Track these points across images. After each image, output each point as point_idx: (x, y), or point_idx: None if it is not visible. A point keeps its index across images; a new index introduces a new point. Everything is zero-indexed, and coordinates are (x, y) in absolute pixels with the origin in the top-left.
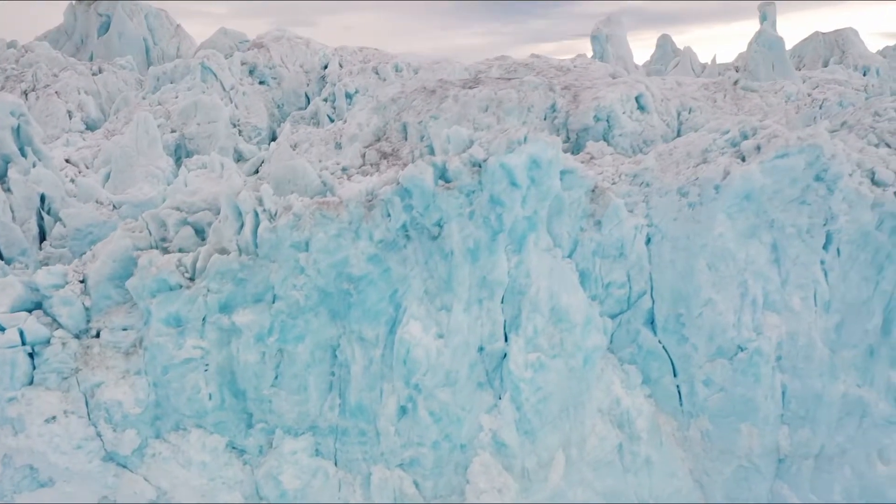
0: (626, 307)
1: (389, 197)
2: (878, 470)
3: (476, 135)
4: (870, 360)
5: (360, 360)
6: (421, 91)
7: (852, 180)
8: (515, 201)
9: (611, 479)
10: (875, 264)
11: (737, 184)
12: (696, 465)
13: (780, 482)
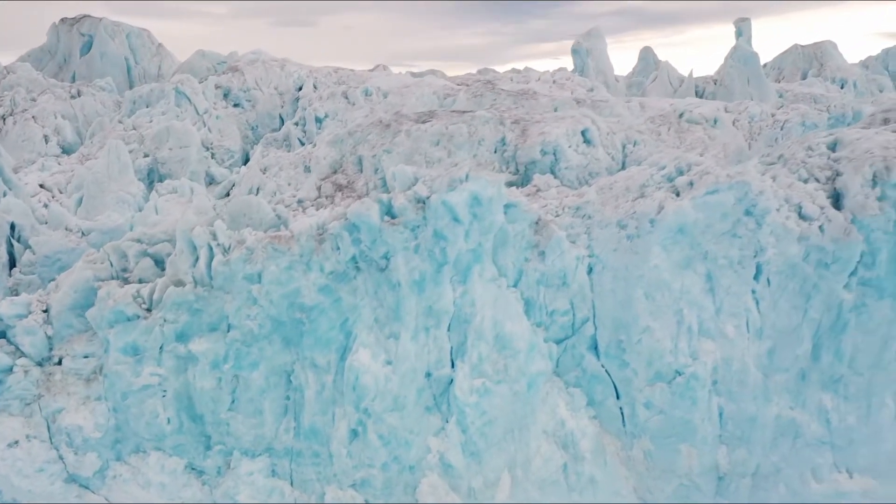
0: (571, 333)
1: (338, 231)
2: (812, 488)
3: (421, 173)
4: (801, 383)
5: (312, 385)
6: (377, 125)
7: (780, 215)
8: (458, 236)
9: (556, 498)
10: (803, 294)
11: (670, 218)
12: (639, 483)
13: (720, 499)
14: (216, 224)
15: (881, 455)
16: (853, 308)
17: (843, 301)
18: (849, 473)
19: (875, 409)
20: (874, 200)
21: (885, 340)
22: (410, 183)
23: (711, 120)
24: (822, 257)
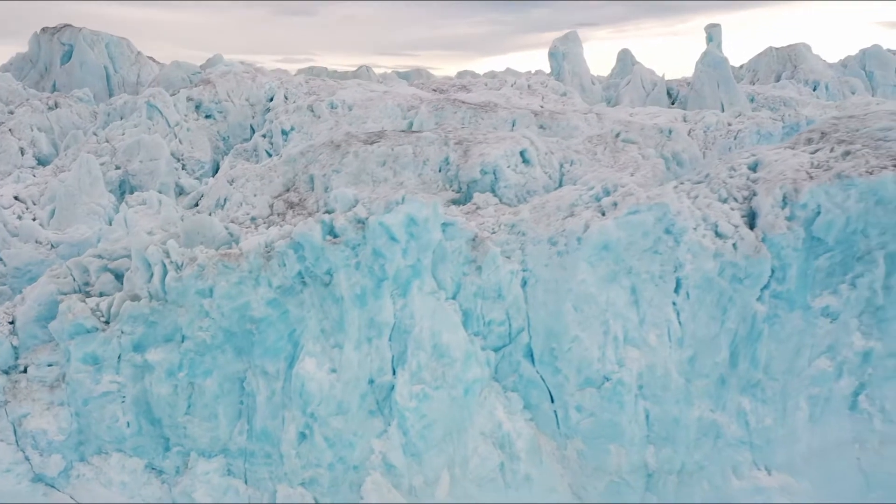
0: (508, 342)
1: (284, 249)
2: (733, 484)
3: (361, 195)
4: (721, 388)
5: (263, 391)
6: (328, 145)
7: (696, 233)
8: (396, 253)
9: (493, 495)
10: (720, 306)
11: (595, 236)
12: (574, 480)
13: (649, 494)
14: (168, 243)
15: (796, 453)
16: (766, 319)
17: (757, 312)
18: (767, 471)
19: (790, 411)
20: (783, 220)
21: (798, 348)
22: (351, 204)
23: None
24: (735, 272)
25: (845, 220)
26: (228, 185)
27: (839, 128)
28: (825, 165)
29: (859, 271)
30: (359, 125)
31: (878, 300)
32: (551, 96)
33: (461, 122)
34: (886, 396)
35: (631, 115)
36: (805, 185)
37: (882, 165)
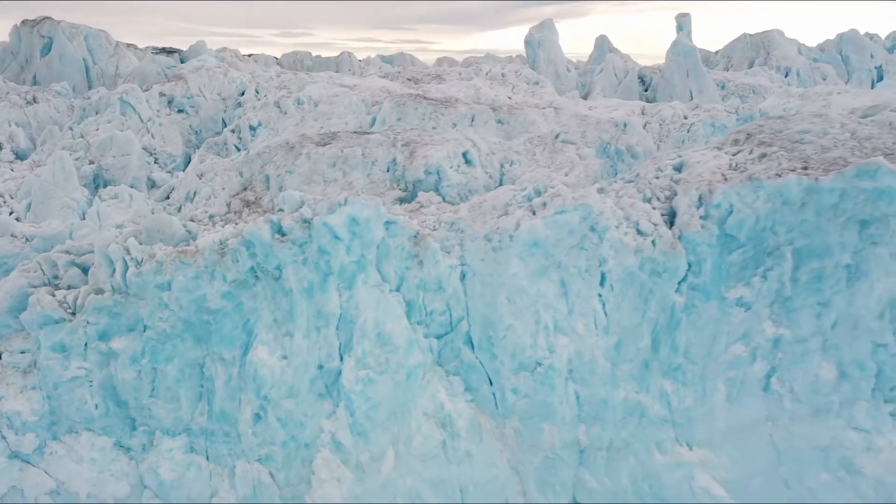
0: (449, 330)
1: (237, 247)
2: (657, 459)
3: (307, 196)
4: (645, 371)
5: (221, 375)
6: (283, 147)
7: (618, 231)
8: (340, 251)
9: (436, 470)
10: (641, 297)
11: (525, 234)
12: (512, 456)
13: (582, 469)
14: (129, 241)
15: (715, 430)
16: (684, 309)
17: (675, 303)
18: (688, 446)
19: (709, 392)
20: (698, 219)
21: (714, 335)
22: (297, 205)
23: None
24: (654, 267)
25: (755, 219)
26: (198, 179)
27: (764, 129)
28: (742, 167)
29: (769, 265)
30: (324, 121)
31: (787, 291)
32: (522, 86)
33: (422, 118)
34: (795, 378)
35: (591, 108)
36: (719, 186)
37: (792, 168)
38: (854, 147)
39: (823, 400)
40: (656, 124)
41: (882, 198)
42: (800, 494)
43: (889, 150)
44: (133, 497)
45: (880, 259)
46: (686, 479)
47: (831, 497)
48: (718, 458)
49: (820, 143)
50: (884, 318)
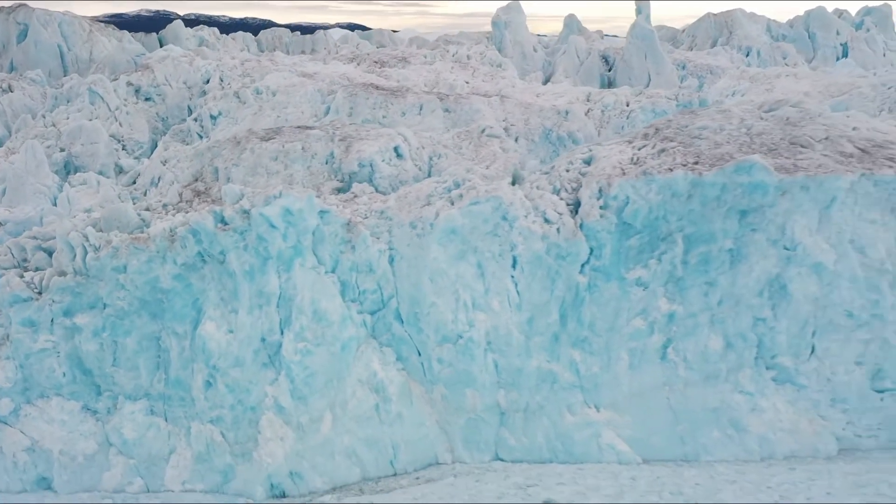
0: (381, 307)
1: (184, 234)
2: (568, 419)
3: (246, 190)
4: (555, 343)
5: (175, 347)
6: (230, 141)
7: (527, 220)
8: (277, 238)
9: (370, 430)
10: (549, 278)
11: (443, 222)
12: (440, 417)
13: (502, 429)
14: (87, 230)
15: (619, 394)
16: (587, 288)
17: (579, 283)
18: (596, 408)
19: (613, 361)
20: (598, 209)
21: (616, 311)
22: (237, 198)
23: (563, 112)
24: (559, 251)
25: (648, 209)
26: (162, 165)
27: (671, 125)
28: (641, 161)
29: (663, 249)
30: (280, 110)
31: (678, 272)
32: (483, 69)
33: (372, 108)
34: (687, 349)
35: (538, 95)
36: (616, 180)
37: (684, 163)
38: (744, 143)
39: (713, 367)
40: (598, 111)
41: (757, 191)
42: (694, 450)
43: (775, 146)
44: (100, 454)
45: (758, 244)
46: (594, 437)
47: (721, 451)
48: (622, 419)
49: (714, 140)
50: (763, 295)
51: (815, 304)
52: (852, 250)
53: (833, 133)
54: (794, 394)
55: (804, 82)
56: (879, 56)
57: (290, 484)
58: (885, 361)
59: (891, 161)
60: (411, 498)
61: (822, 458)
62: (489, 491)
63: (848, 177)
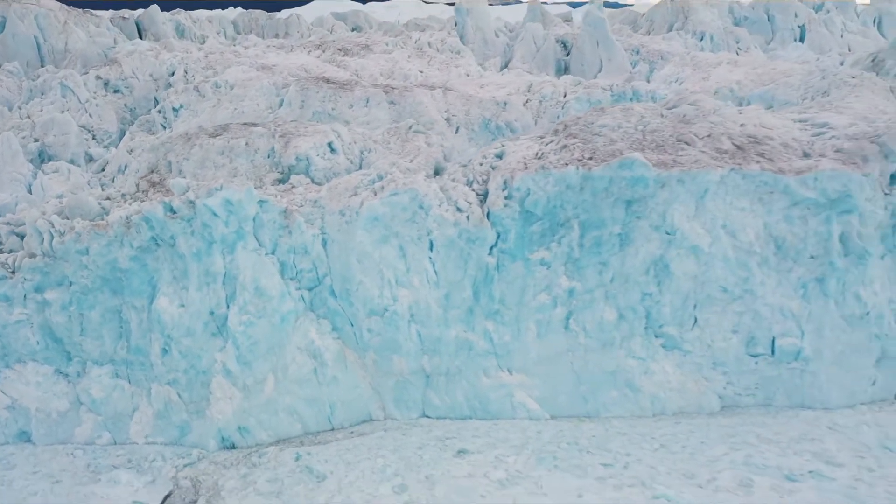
0: (317, 284)
1: (139, 221)
2: (484, 381)
3: (192, 182)
4: (470, 315)
5: (134, 319)
6: (181, 137)
7: (440, 209)
8: (220, 224)
9: (309, 390)
10: (462, 259)
11: (367, 211)
12: (372, 380)
13: (427, 389)
14: (52, 217)
15: (529, 360)
16: (496, 268)
17: (489, 264)
18: (508, 372)
19: (522, 331)
20: (502, 199)
21: (523, 288)
22: (184, 190)
23: (502, 103)
24: (469, 236)
25: (547, 199)
26: (128, 154)
27: (578, 122)
28: (544, 157)
29: (562, 234)
30: (238, 103)
31: (576, 254)
32: (440, 58)
33: (322, 101)
34: (586, 320)
35: (482, 87)
36: (519, 174)
37: (580, 158)
38: (636, 140)
39: (608, 336)
40: (537, 101)
41: (639, 184)
42: (594, 407)
43: (663, 143)
44: (72, 411)
45: (643, 230)
46: (507, 396)
47: (618, 408)
48: (532, 381)
49: (610, 137)
50: (649, 273)
51: (694, 281)
52: (725, 234)
53: (716, 130)
54: (681, 358)
55: (740, 71)
56: (837, 38)
57: (238, 437)
58: (757, 330)
59: (761, 156)
60: (345, 449)
61: (705, 413)
62: (412, 443)
63: (718, 171)
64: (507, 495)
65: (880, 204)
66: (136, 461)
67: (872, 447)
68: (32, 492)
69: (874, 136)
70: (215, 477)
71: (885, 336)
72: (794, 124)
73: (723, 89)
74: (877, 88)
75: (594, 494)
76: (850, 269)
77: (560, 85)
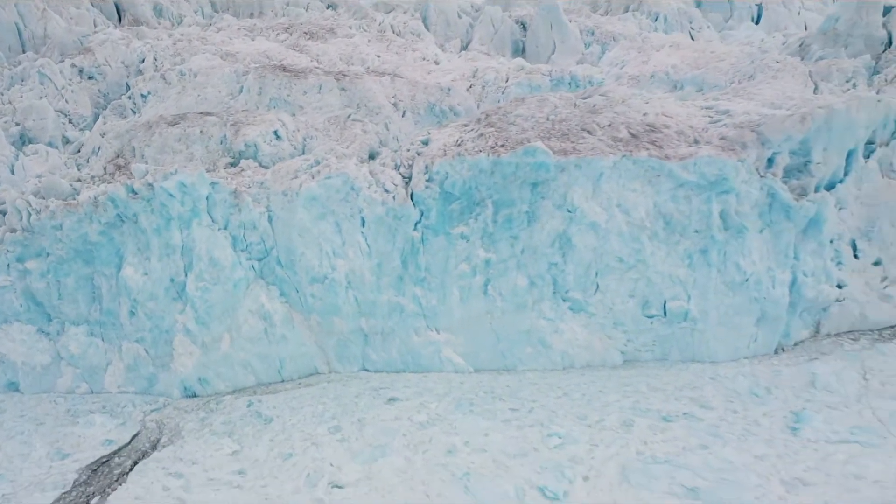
0: (266, 255)
1: (105, 201)
2: (415, 339)
3: (150, 167)
4: (400, 282)
5: (105, 286)
6: (144, 125)
7: (370, 190)
8: (176, 204)
9: (261, 348)
10: (390, 234)
11: (305, 192)
12: (317, 338)
13: (366, 347)
14: (29, 198)
15: (454, 320)
16: (421, 241)
17: (414, 238)
18: (436, 331)
19: (447, 295)
20: (424, 181)
21: (446, 258)
22: (143, 174)
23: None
24: (396, 214)
25: (463, 182)
26: (101, 137)
27: (498, 112)
28: (463, 144)
29: (478, 212)
30: (201, 90)
31: (490, 229)
32: (399, 41)
33: (278, 88)
34: (502, 286)
35: (429, 72)
36: (438, 160)
37: (492, 145)
38: (545, 129)
39: (521, 300)
40: (480, 86)
41: (541, 168)
42: (512, 362)
43: (568, 132)
44: (54, 365)
45: (547, 208)
46: (436, 352)
47: (532, 363)
48: (457, 339)
49: (522, 126)
50: (554, 246)
51: (594, 252)
52: (619, 212)
53: (617, 120)
54: (586, 319)
55: (678, 54)
56: (794, 16)
57: (199, 387)
58: (651, 295)
59: (651, 144)
60: (292, 397)
61: (609, 367)
62: (350, 392)
63: (611, 158)
64: (426, 434)
65: (756, 185)
66: (109, 407)
67: (742, 393)
68: (20, 431)
69: (755, 126)
70: (177, 420)
71: (764, 299)
72: (700, 111)
73: (659, 73)
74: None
75: (499, 433)
76: (730, 242)
77: (503, 70)
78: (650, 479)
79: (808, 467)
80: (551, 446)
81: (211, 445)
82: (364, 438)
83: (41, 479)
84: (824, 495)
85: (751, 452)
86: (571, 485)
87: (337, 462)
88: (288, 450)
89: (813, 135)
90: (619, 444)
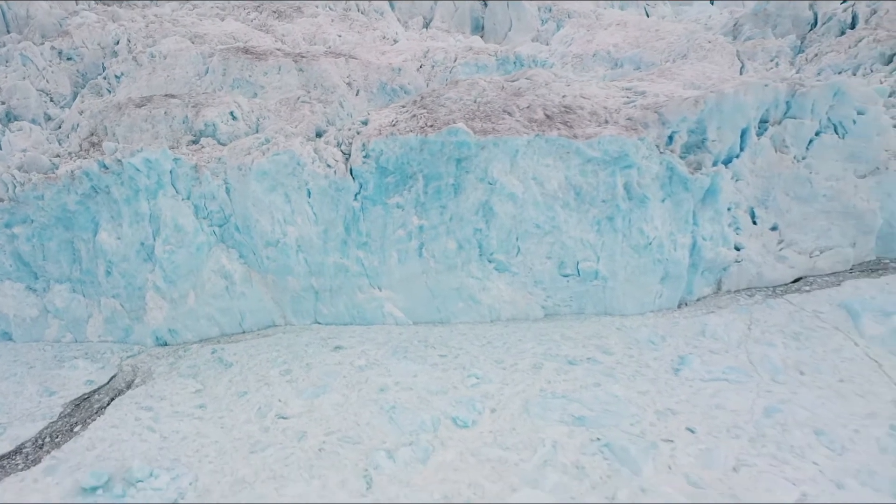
0: (225, 222)
1: (80, 175)
2: (359, 296)
3: (119, 145)
4: (344, 246)
5: (83, 249)
6: (115, 107)
7: (314, 165)
8: (142, 178)
9: (223, 303)
10: (334, 203)
11: (256, 167)
12: (273, 295)
13: (318, 303)
14: (14, 171)
15: (394, 279)
16: (361, 210)
17: (355, 207)
18: (378, 289)
19: (387, 258)
20: (361, 158)
21: (384, 225)
22: (113, 151)
23: (397, 69)
24: (337, 186)
25: (396, 158)
26: (79, 114)
27: (433, 94)
28: (398, 124)
29: (410, 185)
30: (170, 71)
31: (422, 199)
32: (362, 20)
33: (241, 69)
34: (435, 249)
35: (383, 53)
36: (373, 138)
37: (422, 126)
38: (470, 111)
39: (452, 261)
40: (429, 66)
41: (463, 146)
42: (446, 315)
43: (490, 113)
44: (41, 317)
45: (471, 181)
46: (379, 308)
47: (464, 316)
48: (397, 295)
49: (451, 108)
50: (478, 214)
51: (513, 219)
52: (535, 184)
53: (535, 102)
54: (510, 278)
55: (622, 33)
56: None
57: (169, 337)
58: (565, 257)
59: (563, 124)
60: (251, 346)
61: (531, 320)
62: (302, 341)
63: (525, 137)
64: (363, 376)
65: (656, 161)
66: (91, 353)
67: (641, 341)
68: (13, 373)
69: (658, 107)
70: (149, 364)
71: (667, 260)
72: (619, 92)
73: (601, 52)
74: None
75: (426, 375)
76: (634, 210)
77: (452, 51)
78: (546, 411)
79: (680, 400)
80: (468, 385)
81: (177, 385)
82: (309, 379)
83: (32, 412)
84: (688, 422)
85: (636, 389)
86: (480, 415)
87: (284, 398)
88: (244, 388)
89: (706, 116)
90: (527, 382)
